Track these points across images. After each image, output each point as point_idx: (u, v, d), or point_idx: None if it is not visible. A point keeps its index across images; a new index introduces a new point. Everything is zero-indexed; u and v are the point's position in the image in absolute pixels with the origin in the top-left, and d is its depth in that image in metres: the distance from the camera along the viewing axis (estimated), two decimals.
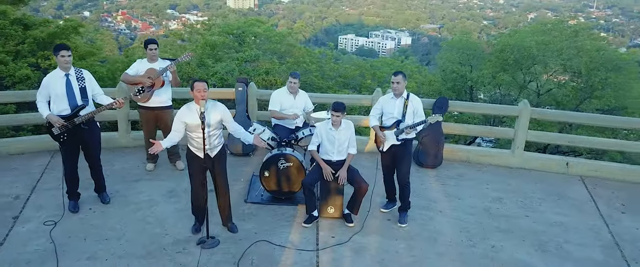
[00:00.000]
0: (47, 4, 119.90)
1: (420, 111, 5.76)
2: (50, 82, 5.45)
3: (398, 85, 5.65)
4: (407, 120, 5.71)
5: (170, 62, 6.58)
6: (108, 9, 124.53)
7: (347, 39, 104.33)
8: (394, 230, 5.75)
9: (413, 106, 5.74)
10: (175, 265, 4.89)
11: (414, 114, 5.74)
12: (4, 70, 8.82)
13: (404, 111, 5.70)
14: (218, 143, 5.21)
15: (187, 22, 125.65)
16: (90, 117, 5.56)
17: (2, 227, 5.39)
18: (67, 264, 4.81)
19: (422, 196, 6.60)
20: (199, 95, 4.91)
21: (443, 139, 7.59)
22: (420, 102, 5.81)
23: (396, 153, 5.78)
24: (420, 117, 5.73)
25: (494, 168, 7.62)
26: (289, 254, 5.17)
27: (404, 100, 5.72)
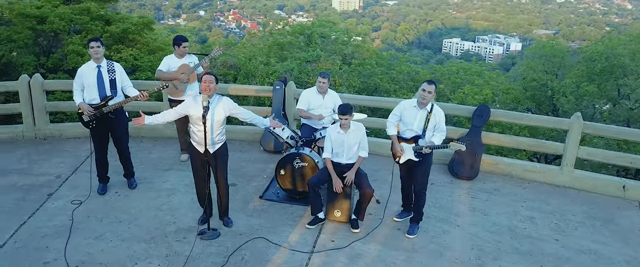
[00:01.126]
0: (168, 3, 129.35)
1: (441, 125, 5.40)
2: (84, 73, 5.91)
3: (429, 95, 5.27)
4: (428, 134, 5.38)
5: (201, 57, 6.85)
6: (221, 9, 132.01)
7: (452, 43, 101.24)
8: (400, 241, 5.50)
9: (435, 120, 5.38)
10: (170, 252, 5.08)
11: (435, 128, 5.40)
12: (80, 61, 9.70)
13: (425, 126, 5.37)
14: (219, 140, 5.30)
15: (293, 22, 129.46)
16: (118, 107, 5.95)
17: (35, 202, 5.95)
18: (75, 241, 5.18)
19: (444, 207, 6.25)
20: (204, 87, 5.06)
21: (482, 149, 7.12)
22: (443, 115, 5.44)
23: (414, 165, 5.48)
24: (441, 131, 5.38)
25: (537, 185, 7.01)
26: (282, 254, 5.15)
27: (426, 113, 5.38)
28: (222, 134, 5.32)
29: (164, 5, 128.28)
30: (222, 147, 5.38)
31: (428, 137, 5.35)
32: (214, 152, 5.31)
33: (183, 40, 6.85)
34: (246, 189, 6.53)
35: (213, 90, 5.11)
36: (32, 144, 7.76)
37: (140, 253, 5.03)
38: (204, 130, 5.04)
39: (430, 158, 5.47)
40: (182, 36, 6.99)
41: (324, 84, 6.64)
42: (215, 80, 5.15)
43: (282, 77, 8.08)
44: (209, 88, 5.06)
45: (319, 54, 11.99)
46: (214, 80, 5.12)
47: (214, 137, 5.22)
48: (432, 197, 6.49)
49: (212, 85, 5.09)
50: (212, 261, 4.98)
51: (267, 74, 11.08)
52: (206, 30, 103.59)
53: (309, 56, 11.82)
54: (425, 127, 5.34)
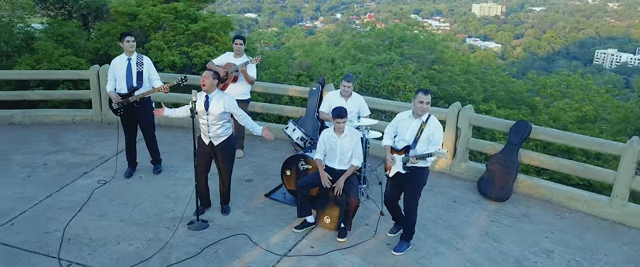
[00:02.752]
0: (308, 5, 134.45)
1: (436, 138, 4.95)
2: (115, 64, 6.45)
3: (427, 106, 4.90)
4: (419, 147, 4.99)
5: (248, 59, 7.08)
6: (357, 12, 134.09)
7: (606, 54, 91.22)
8: (383, 256, 5.18)
9: (429, 131, 4.96)
10: (155, 236, 5.34)
11: (428, 141, 4.98)
12: (159, 56, 10.56)
13: (417, 136, 4.98)
14: (221, 133, 5.46)
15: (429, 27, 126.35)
16: (142, 97, 6.40)
17: (70, 178, 6.63)
18: (80, 217, 5.68)
19: (452, 227, 5.75)
20: (201, 82, 5.29)
21: (516, 169, 6.41)
22: (439, 128, 4.99)
23: (404, 180, 5.10)
24: (435, 145, 4.95)
25: (580, 216, 6.13)
26: (255, 253, 5.14)
27: (421, 123, 5.01)
28: (224, 128, 5.48)
29: (304, 7, 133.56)
30: (225, 141, 5.53)
31: (420, 149, 4.95)
32: (217, 144, 5.50)
33: (236, 38, 7.15)
34: (258, 186, 6.61)
35: (209, 86, 5.29)
36: (96, 127, 8.63)
37: (127, 234, 5.36)
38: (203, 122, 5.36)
39: (421, 173, 5.05)
40: (238, 35, 7.31)
41: (348, 88, 6.48)
42: (212, 77, 5.33)
43: (321, 79, 8.01)
44: (203, 83, 5.27)
45: (393, 57, 11.66)
46: (209, 76, 5.30)
47: (215, 129, 5.41)
48: (444, 215, 6.03)
49: (208, 81, 5.28)
50: (187, 250, 5.13)
51: (335, 75, 11.06)
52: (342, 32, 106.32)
53: (381, 59, 11.56)
54: (417, 138, 4.95)
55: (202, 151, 5.59)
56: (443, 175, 7.11)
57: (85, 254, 4.99)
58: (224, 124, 5.47)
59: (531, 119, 11.86)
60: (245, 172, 7.01)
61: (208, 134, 5.43)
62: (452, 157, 7.09)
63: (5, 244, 5.12)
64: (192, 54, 10.79)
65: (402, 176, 5.02)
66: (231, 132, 5.62)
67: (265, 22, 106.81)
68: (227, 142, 5.54)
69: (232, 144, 5.62)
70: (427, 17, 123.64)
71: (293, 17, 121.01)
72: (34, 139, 7.95)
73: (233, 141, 5.66)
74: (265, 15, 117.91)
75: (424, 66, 12.47)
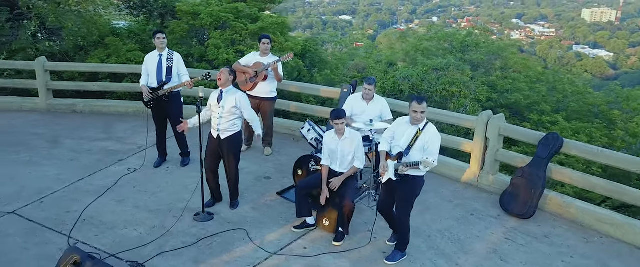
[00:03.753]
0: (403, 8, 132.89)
1: (432, 148, 4.70)
2: (148, 60, 6.84)
3: (422, 115, 4.69)
4: (413, 155, 4.78)
5: (276, 58, 7.23)
6: (455, 16, 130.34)
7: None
8: (375, 264, 5.03)
9: (425, 140, 4.74)
10: (159, 224, 5.59)
11: (423, 149, 4.74)
12: (215, 54, 11.02)
13: (411, 143, 4.77)
14: (229, 128, 5.64)
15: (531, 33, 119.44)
16: (170, 91, 6.72)
17: (105, 164, 7.12)
18: (101, 200, 6.09)
19: (458, 242, 5.46)
20: (217, 78, 5.52)
21: (543, 184, 5.94)
22: (436, 137, 4.73)
23: (396, 188, 4.92)
24: (431, 154, 4.71)
25: (611, 242, 5.55)
26: (247, 249, 5.21)
27: (417, 130, 4.79)
28: (232, 124, 5.65)
29: (399, 10, 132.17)
30: (231, 137, 5.70)
31: (413, 158, 4.74)
32: (224, 138, 5.68)
33: (263, 38, 7.32)
34: (275, 184, 6.68)
35: (224, 81, 5.49)
36: (146, 118, 9.16)
37: (136, 220, 5.67)
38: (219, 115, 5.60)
39: (413, 182, 4.83)
40: (265, 35, 7.48)
41: (369, 91, 6.39)
42: (229, 72, 5.54)
43: (353, 81, 7.92)
44: (219, 78, 5.50)
45: (450, 62, 11.23)
46: (226, 72, 5.52)
47: (223, 123, 5.60)
48: (455, 227, 5.74)
49: (223, 76, 5.49)
50: (184, 239, 5.33)
51: (386, 78, 10.87)
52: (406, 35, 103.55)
53: (436, 64, 11.18)
54: (411, 145, 4.75)
55: (211, 145, 5.80)
56: (470, 187, 6.75)
57: (92, 235, 5.35)
58: (233, 120, 5.62)
59: (605, 133, 10.90)
60: (266, 169, 7.12)
61: (217, 127, 5.63)
62: (480, 169, 6.71)
63: (29, 219, 5.63)
64: (247, 53, 11.09)
65: (394, 183, 4.84)
66: (239, 129, 5.76)
67: (360, 24, 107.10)
68: (234, 137, 5.68)
69: (238, 140, 5.76)
70: (530, 22, 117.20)
71: (388, 20, 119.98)
72: (89, 126, 8.62)
73: (240, 138, 5.80)
74: (360, 17, 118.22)
75: (486, 73, 11.87)
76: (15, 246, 5.11)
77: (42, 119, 8.94)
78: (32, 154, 7.38)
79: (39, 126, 8.57)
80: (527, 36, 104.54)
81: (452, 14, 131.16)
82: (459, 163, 7.05)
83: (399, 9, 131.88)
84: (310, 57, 14.04)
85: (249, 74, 7.22)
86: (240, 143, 5.89)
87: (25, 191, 6.26)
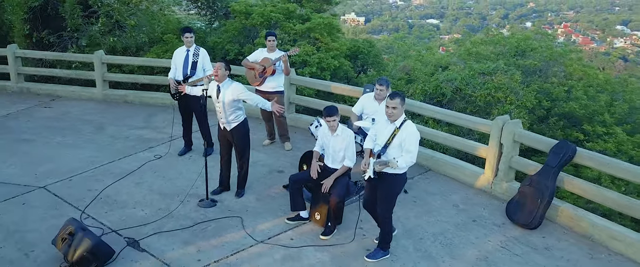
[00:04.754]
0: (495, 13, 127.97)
1: (409, 146, 4.66)
2: (176, 55, 7.29)
3: (395, 111, 4.68)
4: (390, 151, 4.75)
5: (283, 53, 7.44)
6: (551, 21, 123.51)
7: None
8: (354, 260, 5.06)
9: (402, 138, 4.70)
10: (164, 207, 5.97)
11: (400, 147, 4.73)
12: None
13: (389, 141, 4.74)
14: (233, 119, 5.92)
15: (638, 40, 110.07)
16: (194, 84, 7.12)
17: (136, 150, 7.66)
18: (122, 182, 6.59)
19: (448, 246, 5.34)
20: (214, 73, 5.81)
21: (550, 194, 5.64)
22: (413, 135, 4.69)
23: (377, 186, 4.92)
24: (408, 153, 4.66)
25: (619, 260, 5.17)
26: (237, 236, 5.44)
27: (394, 128, 4.76)
28: (235, 115, 5.92)
29: (490, 15, 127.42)
30: (238, 127, 5.98)
31: (390, 156, 4.72)
32: (231, 130, 5.97)
33: (269, 35, 7.56)
34: (285, 177, 6.80)
35: (220, 76, 5.77)
36: None
37: (146, 201, 6.10)
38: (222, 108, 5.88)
39: (393, 180, 4.80)
40: (270, 32, 7.71)
41: (381, 92, 6.43)
42: (224, 67, 5.80)
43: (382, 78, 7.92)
44: (215, 74, 5.77)
45: (499, 66, 10.80)
46: (221, 67, 5.78)
47: (227, 115, 5.88)
48: (451, 232, 5.62)
49: (220, 71, 5.76)
50: (182, 222, 5.66)
51: (429, 81, 10.68)
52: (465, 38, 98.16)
53: (483, 68, 10.80)
54: (388, 143, 4.73)
55: (222, 135, 6.12)
56: (482, 193, 6.54)
57: (103, 212, 5.84)
58: (236, 111, 5.88)
59: None
60: (281, 163, 7.32)
61: (223, 120, 5.91)
62: (494, 176, 6.48)
63: (55, 194, 6.24)
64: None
65: (375, 181, 4.85)
66: (243, 118, 6.00)
67: (447, 28, 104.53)
68: (240, 127, 5.95)
69: (245, 129, 6.01)
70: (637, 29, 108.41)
71: (477, 25, 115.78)
72: (134, 116, 9.30)
73: (246, 126, 6.04)
74: (447, 21, 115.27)
75: (545, 79, 11.27)
76: (36, 216, 5.70)
77: (96, 108, 9.77)
78: (76, 138, 8.11)
79: (90, 113, 9.37)
80: (633, 44, 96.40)
81: (548, 20, 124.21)
82: (474, 168, 6.85)
83: (490, 14, 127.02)
84: (363, 58, 14.11)
85: (257, 70, 7.43)
86: (248, 130, 6.11)
87: (59, 169, 6.92)
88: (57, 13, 12.13)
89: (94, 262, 4.69)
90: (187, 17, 16.61)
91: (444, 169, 7.03)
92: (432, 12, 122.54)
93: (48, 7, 12.25)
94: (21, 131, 8.42)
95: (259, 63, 7.49)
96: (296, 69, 11.28)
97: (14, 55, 10.51)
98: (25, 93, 10.65)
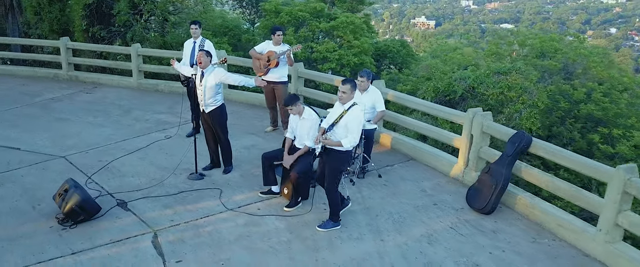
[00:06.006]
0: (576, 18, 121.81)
1: (351, 127, 5.21)
2: (185, 45, 8.15)
3: (344, 95, 5.27)
4: (336, 131, 5.30)
5: (288, 47, 8.08)
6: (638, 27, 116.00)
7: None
8: (306, 229, 5.59)
9: (347, 119, 5.25)
10: (159, 177, 6.77)
11: (346, 127, 5.26)
12: None
13: (336, 121, 5.30)
14: (211, 103, 6.61)
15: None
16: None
17: (151, 131, 8.58)
18: (129, 156, 7.48)
19: (400, 223, 5.76)
20: (198, 60, 6.55)
21: (504, 182, 5.89)
22: (357, 119, 5.23)
23: (325, 161, 5.47)
24: (351, 133, 5.23)
25: (559, 246, 5.38)
26: (211, 203, 6.12)
27: (342, 111, 5.31)
28: (214, 100, 6.62)
29: (571, 20, 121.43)
30: (215, 110, 6.68)
31: (337, 134, 5.26)
32: (209, 112, 6.68)
33: (277, 30, 8.22)
34: None
35: (204, 63, 6.49)
36: None
37: (144, 172, 6.93)
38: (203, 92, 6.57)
39: (336, 156, 5.32)
40: (277, 26, 8.37)
41: (362, 83, 6.94)
42: (206, 55, 6.52)
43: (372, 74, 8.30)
44: (199, 61, 6.49)
45: (515, 66, 10.84)
46: (204, 55, 6.50)
47: (206, 99, 6.60)
48: (408, 212, 6.03)
49: (203, 59, 6.48)
50: (168, 190, 6.44)
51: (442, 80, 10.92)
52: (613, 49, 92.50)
53: (499, 68, 10.88)
54: (335, 122, 5.27)
55: (203, 119, 6.81)
56: (454, 181, 6.85)
57: (105, 178, 6.73)
58: (215, 96, 6.57)
59: None
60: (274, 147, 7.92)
61: (202, 102, 6.60)
62: (465, 165, 6.78)
63: (71, 162, 7.23)
64: (315, 49, 12.05)
65: (324, 156, 5.39)
66: (221, 103, 6.67)
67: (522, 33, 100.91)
68: (217, 110, 6.63)
69: (222, 112, 6.68)
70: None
71: (555, 30, 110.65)
72: (160, 102, 10.28)
73: (223, 110, 6.71)
74: (523, 26, 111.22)
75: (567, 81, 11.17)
76: (50, 179, 6.68)
77: (129, 94, 10.87)
78: (104, 119, 9.17)
79: (123, 99, 10.47)
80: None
81: (635, 25, 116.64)
82: (450, 158, 7.16)
83: (570, 18, 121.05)
84: (391, 57, 14.50)
85: (263, 61, 8.09)
86: (224, 114, 6.76)
87: (81, 143, 7.94)
88: (110, 10, 13.49)
89: (82, 214, 5.53)
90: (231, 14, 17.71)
91: (425, 159, 7.39)
92: (506, 17, 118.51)
93: (103, 5, 13.64)
94: (61, 111, 9.61)
95: (265, 55, 8.18)
96: (317, 64, 11.93)
97: (65, 47, 11.86)
98: (74, 80, 11.99)
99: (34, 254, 5.04)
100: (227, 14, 17.13)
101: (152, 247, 5.23)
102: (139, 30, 13.06)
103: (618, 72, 12.57)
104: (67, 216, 5.53)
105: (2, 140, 8.08)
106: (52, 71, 12.41)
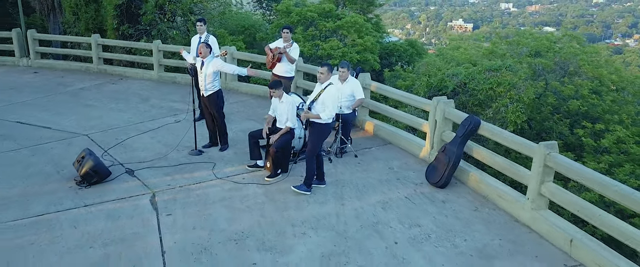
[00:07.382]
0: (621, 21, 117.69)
1: (327, 103, 6.21)
2: (193, 41, 9.27)
3: (321, 76, 6.35)
4: (316, 107, 6.31)
5: (283, 46, 9.06)
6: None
7: None
8: (280, 194, 6.54)
9: (325, 97, 6.24)
10: (164, 152, 7.87)
11: (323, 104, 6.25)
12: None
13: (315, 98, 6.32)
14: (210, 87, 7.66)
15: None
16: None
17: (164, 116, 9.72)
18: (142, 136, 8.63)
19: (362, 191, 6.65)
20: (199, 51, 7.61)
21: (455, 159, 6.71)
22: (331, 96, 6.23)
23: (309, 132, 6.49)
24: (327, 108, 6.21)
25: (496, 214, 6.17)
26: (203, 173, 7.16)
27: (320, 89, 6.32)
28: (213, 86, 7.67)
29: (616, 23, 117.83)
30: (213, 94, 7.73)
31: (316, 109, 6.27)
32: (207, 96, 7.74)
33: (284, 28, 9.20)
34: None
35: (204, 54, 7.55)
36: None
37: (152, 148, 8.05)
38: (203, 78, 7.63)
39: (318, 128, 6.33)
40: (287, 26, 9.36)
41: (342, 73, 7.88)
42: (206, 46, 7.57)
43: (358, 67, 9.18)
44: (200, 52, 7.56)
45: (506, 63, 11.51)
46: (204, 46, 7.56)
47: (206, 84, 7.66)
48: (372, 184, 6.89)
49: (203, 50, 7.54)
50: (169, 162, 7.52)
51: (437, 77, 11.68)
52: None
53: (491, 65, 11.57)
54: (315, 99, 6.28)
55: (203, 102, 7.88)
56: (422, 162, 7.68)
57: (119, 152, 7.88)
58: (213, 82, 7.62)
59: None
60: None
61: (202, 87, 7.67)
62: (431, 148, 7.60)
63: (92, 140, 8.42)
64: (321, 47, 13.02)
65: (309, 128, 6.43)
66: (218, 88, 7.71)
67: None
68: (214, 95, 7.67)
69: (219, 96, 7.72)
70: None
71: (599, 34, 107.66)
72: (175, 93, 11.44)
73: (220, 95, 7.75)
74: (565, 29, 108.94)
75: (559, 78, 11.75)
76: (74, 151, 7.85)
77: (150, 86, 12.09)
78: (124, 106, 10.39)
79: (144, 90, 11.69)
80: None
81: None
82: (421, 141, 7.99)
83: (615, 22, 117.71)
84: (398, 55, 15.33)
85: (269, 56, 9.11)
86: (221, 98, 7.80)
87: (102, 124, 9.15)
88: (138, 10, 14.81)
89: (95, 177, 6.66)
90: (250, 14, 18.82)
91: (401, 143, 8.24)
92: (547, 20, 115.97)
93: (132, 5, 14.97)
94: (88, 99, 10.90)
95: (271, 50, 9.19)
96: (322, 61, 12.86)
97: (96, 43, 13.21)
98: (103, 73, 13.33)
99: (55, 205, 6.20)
100: (251, 15, 18.31)
101: (149, 204, 6.30)
102: (163, 28, 14.31)
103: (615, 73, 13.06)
104: (83, 178, 6.66)
105: (37, 121, 9.38)
106: (85, 65, 13.81)
